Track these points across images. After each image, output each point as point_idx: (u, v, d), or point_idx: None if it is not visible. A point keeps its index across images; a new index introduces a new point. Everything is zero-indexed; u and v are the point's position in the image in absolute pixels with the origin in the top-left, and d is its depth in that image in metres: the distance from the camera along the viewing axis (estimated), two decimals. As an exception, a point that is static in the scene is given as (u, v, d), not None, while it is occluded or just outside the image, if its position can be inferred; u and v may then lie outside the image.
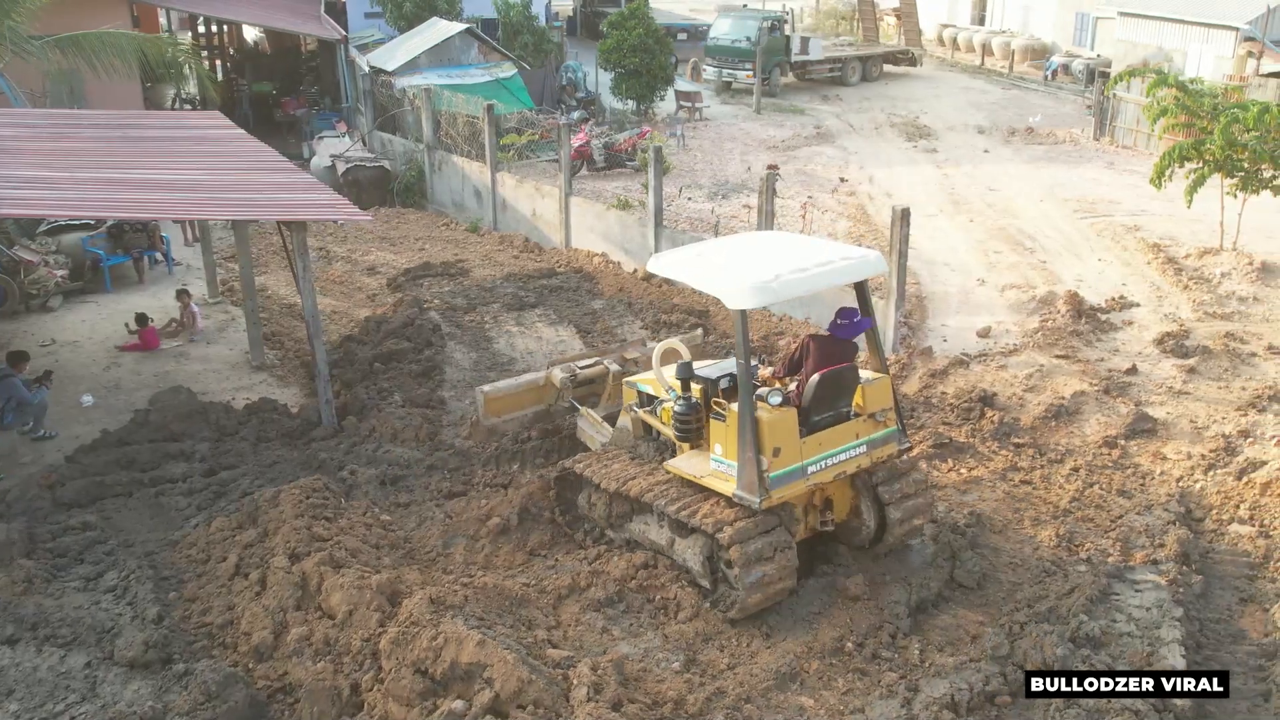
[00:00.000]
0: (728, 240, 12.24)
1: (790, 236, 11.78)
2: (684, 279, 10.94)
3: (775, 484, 9.51)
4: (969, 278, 18.98)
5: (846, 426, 10.04)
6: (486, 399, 12.71)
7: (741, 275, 9.74)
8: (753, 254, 10.49)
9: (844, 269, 10.20)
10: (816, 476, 9.83)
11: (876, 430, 10.22)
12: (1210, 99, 18.75)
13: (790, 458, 9.60)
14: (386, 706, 8.54)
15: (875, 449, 10.22)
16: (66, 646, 9.73)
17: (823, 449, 9.85)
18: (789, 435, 9.57)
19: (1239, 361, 15.38)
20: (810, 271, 9.85)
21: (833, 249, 10.79)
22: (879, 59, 43.34)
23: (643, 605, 10.05)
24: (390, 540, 11.14)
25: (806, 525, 10.42)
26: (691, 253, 10.98)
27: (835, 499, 10.52)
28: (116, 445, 13.62)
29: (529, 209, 23.37)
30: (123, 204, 13.04)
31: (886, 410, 10.27)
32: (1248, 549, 11.44)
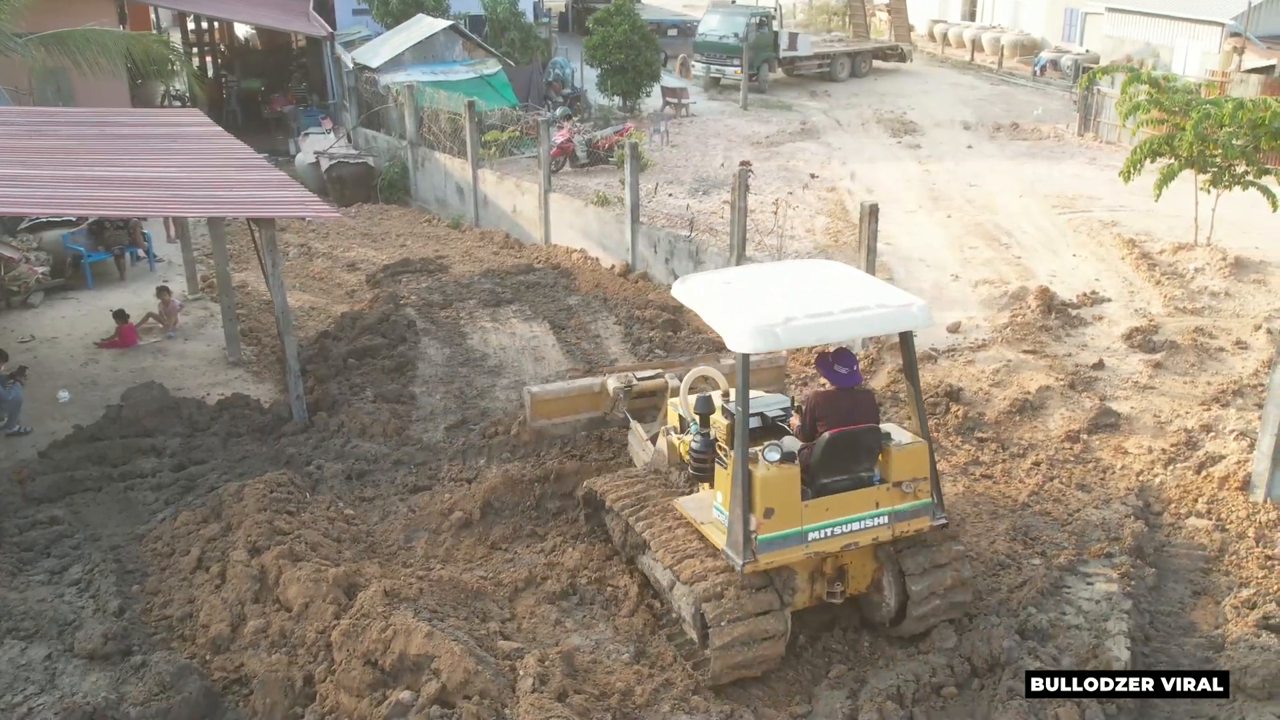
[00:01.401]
0: (765, 269, 11.06)
1: (838, 270, 10.24)
2: (697, 309, 9.61)
3: (764, 547, 8.71)
4: (943, 273, 19.08)
5: (865, 493, 9.06)
6: (534, 400, 12.29)
7: (750, 314, 8.81)
8: (780, 289, 9.46)
9: (875, 319, 9.03)
10: (819, 545, 8.92)
11: (903, 501, 9.13)
12: (1183, 95, 18.83)
13: (786, 521, 8.76)
14: (337, 697, 8.66)
15: (900, 522, 9.15)
16: (28, 639, 9.85)
17: (830, 515, 8.91)
18: (786, 496, 8.74)
19: (1206, 356, 15.48)
20: (834, 318, 8.84)
21: (873, 292, 9.40)
22: (868, 55, 43.44)
23: (595, 596, 10.17)
24: (352, 534, 11.27)
25: (812, 594, 9.48)
26: (719, 280, 10.02)
27: (853, 569, 9.53)
28: (88, 441, 13.73)
29: (509, 205, 23.48)
30: (97, 202, 13.17)
31: (918, 481, 9.18)
32: (1203, 542, 11.55)
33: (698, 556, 9.21)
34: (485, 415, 14.29)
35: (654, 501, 10.16)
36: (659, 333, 16.85)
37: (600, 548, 10.88)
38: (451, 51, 29.85)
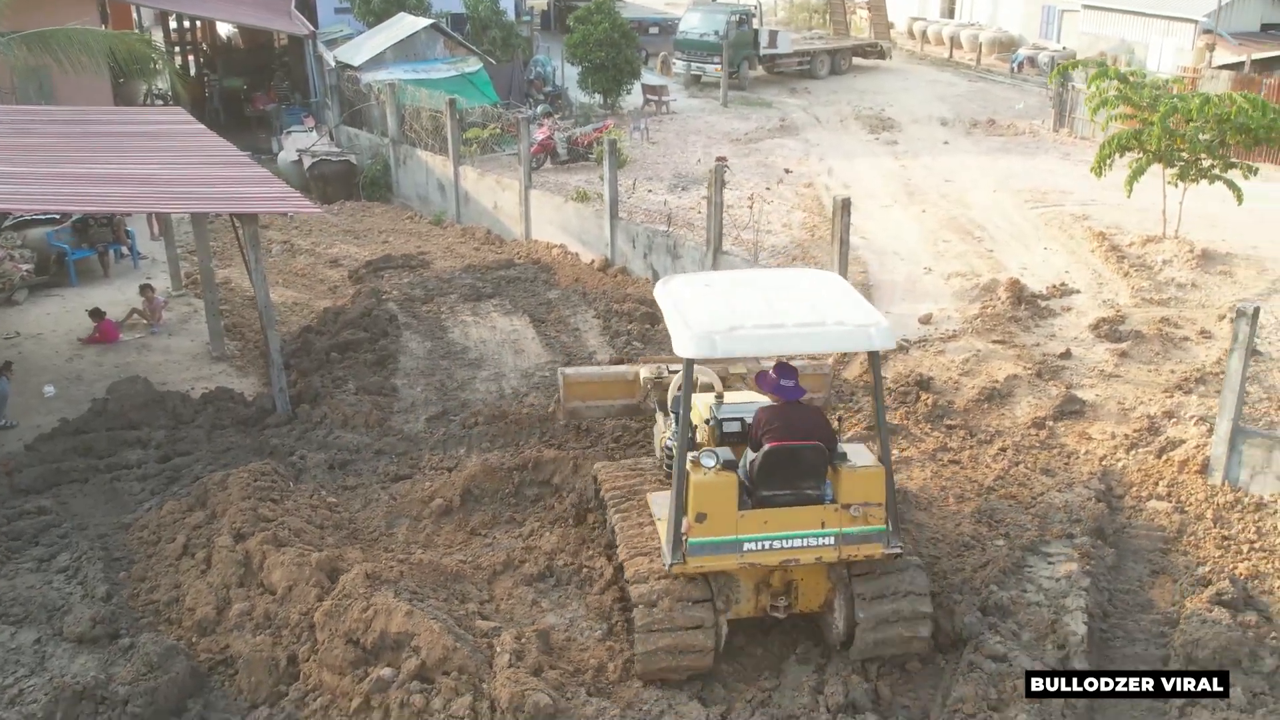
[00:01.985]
0: (756, 275, 10.75)
1: (828, 283, 9.99)
2: (663, 309, 9.55)
3: (695, 551, 8.74)
4: (917, 266, 19.43)
5: (810, 511, 8.92)
6: (566, 382, 12.21)
7: (699, 320, 8.80)
8: (748, 297, 9.34)
9: (828, 336, 8.94)
10: (755, 556, 8.84)
11: (852, 525, 8.92)
12: (1150, 90, 19.21)
13: (720, 528, 8.74)
14: (320, 675, 8.95)
15: (848, 545, 8.94)
16: (18, 624, 10.12)
17: (768, 529, 8.82)
18: (720, 504, 8.72)
19: (1171, 346, 15.86)
20: (783, 331, 8.75)
21: (841, 309, 9.14)
22: (848, 52, 43.82)
23: (570, 578, 10.47)
24: (335, 521, 11.54)
25: (757, 605, 9.37)
26: (700, 282, 9.97)
27: (803, 586, 9.39)
28: (74, 434, 13.96)
29: (490, 202, 23.75)
30: (81, 198, 13.41)
31: (869, 506, 8.94)
32: (1163, 524, 11.91)
33: (650, 555, 9.29)
34: (465, 406, 14.59)
35: (640, 495, 10.20)
36: (637, 325, 17.16)
37: (576, 532, 11.18)
38: (433, 50, 30.09)
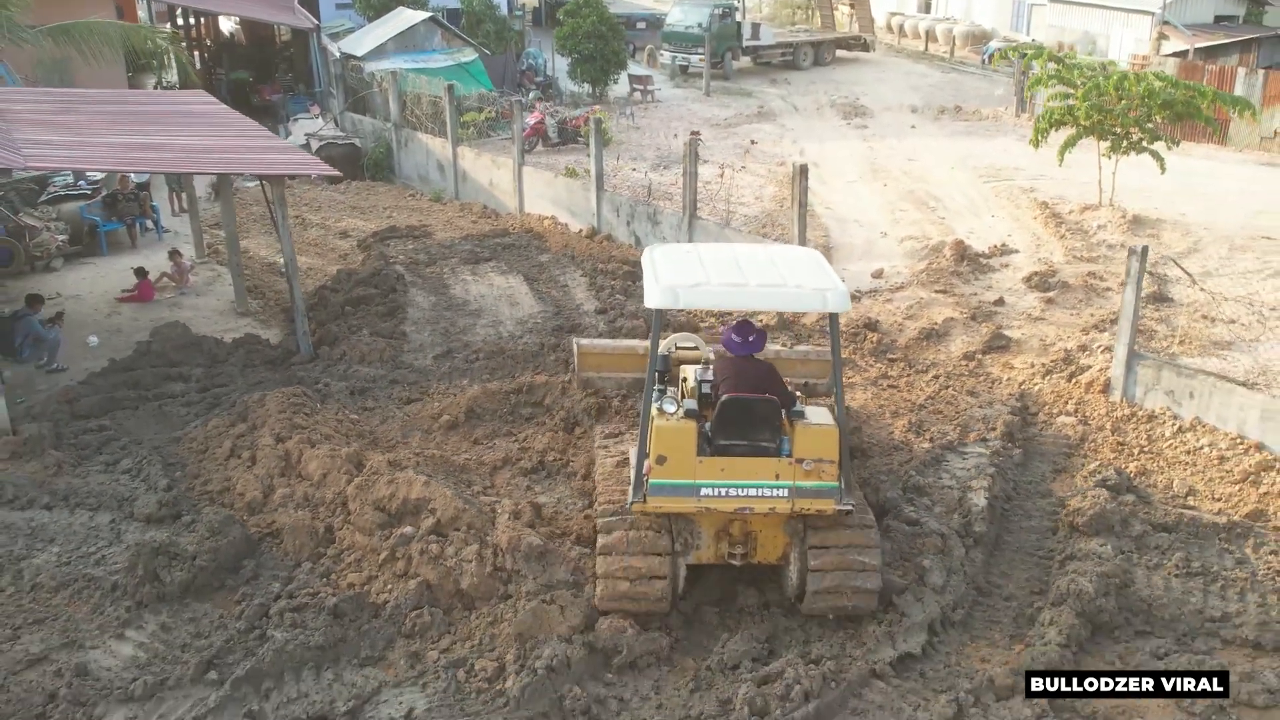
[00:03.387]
0: (743, 248, 11.13)
1: (806, 256, 10.70)
2: (644, 270, 10.13)
3: (655, 492, 9.30)
4: (874, 231, 21.43)
5: (764, 463, 9.33)
6: (580, 351, 12.83)
7: (668, 275, 9.46)
8: (718, 261, 10.03)
9: (785, 296, 9.68)
10: (711, 502, 9.34)
11: (805, 479, 9.31)
12: (1082, 71, 21.20)
13: (679, 472, 9.25)
14: (353, 537, 10.88)
15: (800, 499, 9.36)
16: (94, 510, 12.03)
17: (726, 476, 9.29)
18: (680, 448, 9.23)
19: (1094, 295, 17.84)
20: (744, 289, 9.45)
21: (806, 274, 9.77)
22: (831, 44, 45.87)
23: (559, 470, 12.43)
24: (357, 431, 13.46)
25: (716, 552, 9.84)
26: (683, 249, 10.71)
27: (762, 538, 9.84)
28: (123, 371, 15.81)
29: (486, 179, 25.68)
30: (129, 161, 15.26)
31: (824, 461, 9.31)
32: (1069, 434, 13.89)
33: (619, 492, 10.01)
34: (468, 346, 16.51)
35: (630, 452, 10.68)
36: (620, 282, 19.11)
37: (564, 437, 13.11)
38: (431, 41, 32.04)
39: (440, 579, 10.13)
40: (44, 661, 9.67)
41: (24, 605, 10.46)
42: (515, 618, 9.60)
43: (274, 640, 9.65)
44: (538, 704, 8.99)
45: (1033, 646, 9.60)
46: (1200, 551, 11.23)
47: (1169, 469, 12.98)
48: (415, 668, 9.54)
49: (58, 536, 11.50)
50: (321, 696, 9.21)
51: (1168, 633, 10.01)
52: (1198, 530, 11.57)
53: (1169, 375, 13.97)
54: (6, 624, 10.17)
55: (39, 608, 10.43)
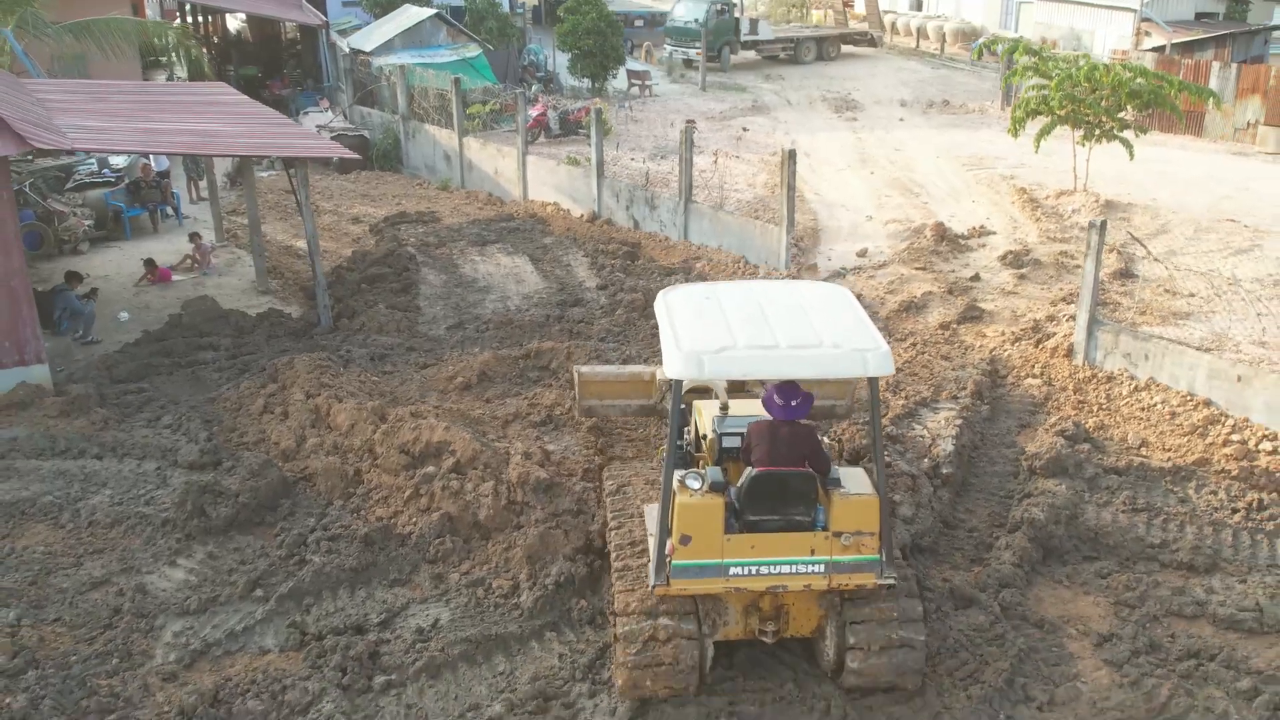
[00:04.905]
0: (760, 287, 10.44)
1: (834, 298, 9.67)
2: (660, 324, 9.29)
3: (679, 574, 8.58)
4: (860, 215, 22.62)
5: (798, 538, 8.64)
6: (581, 380, 12.28)
7: (690, 339, 8.59)
8: (741, 313, 9.07)
9: (821, 360, 8.51)
10: (741, 581, 8.64)
11: (843, 553, 8.64)
12: (1057, 63, 22.38)
13: (706, 551, 8.53)
14: (380, 478, 12.05)
15: (838, 574, 8.68)
16: (140, 459, 13.20)
17: (756, 554, 8.59)
18: (706, 526, 8.51)
19: (1064, 271, 19.02)
20: (777, 352, 8.48)
21: (839, 330, 8.79)
22: (836, 40, 47.10)
23: (566, 422, 13.59)
24: (379, 391, 14.61)
25: (745, 628, 9.16)
26: (700, 294, 9.67)
27: (794, 611, 9.16)
28: (156, 341, 16.96)
29: (492, 168, 26.85)
30: (164, 145, 16.41)
31: (863, 535, 8.63)
32: (1034, 395, 15.06)
33: (638, 570, 9.23)
34: (478, 318, 17.68)
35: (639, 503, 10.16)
36: (619, 261, 20.28)
37: (569, 392, 14.27)
38: (436, 37, 33.22)
39: (460, 511, 11.29)
40: (105, 584, 10.83)
41: (83, 539, 11.63)
42: (525, 542, 10.75)
43: (312, 564, 10.83)
44: (548, 614, 10.18)
45: (989, 566, 10.78)
46: (1147, 491, 12.41)
47: (1124, 423, 14.16)
48: (439, 587, 10.71)
49: (109, 481, 12.67)
50: (356, 611, 10.38)
51: (1111, 557, 11.19)
52: (1146, 474, 12.76)
53: (1126, 339, 15.15)
54: (69, 554, 11.34)
55: (97, 540, 11.60)
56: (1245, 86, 29.53)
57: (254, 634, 10.09)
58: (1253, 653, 9.79)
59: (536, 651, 9.83)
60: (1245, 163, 27.37)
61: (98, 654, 9.82)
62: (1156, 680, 9.34)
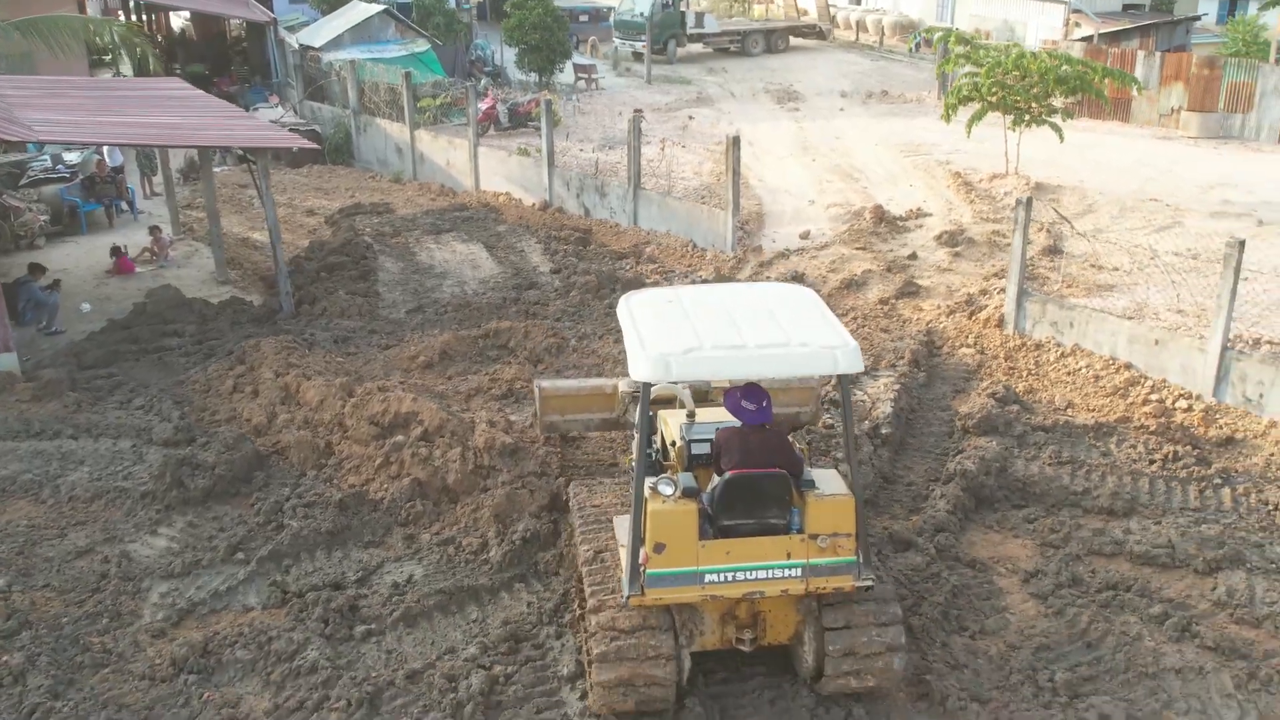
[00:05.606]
0: (724, 290, 10.41)
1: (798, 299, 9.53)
2: (623, 327, 9.15)
3: (654, 583, 8.33)
4: (802, 200, 23.48)
5: (775, 542, 8.46)
6: (543, 395, 11.95)
7: (656, 341, 8.37)
8: (707, 315, 8.89)
9: (791, 358, 8.36)
10: (717, 589, 8.43)
11: (820, 556, 8.46)
12: (988, 51, 23.36)
13: (680, 559, 8.33)
14: (351, 449, 12.65)
15: (815, 577, 8.50)
16: (115, 438, 13.68)
17: (732, 560, 8.39)
18: (680, 533, 8.31)
19: (996, 249, 19.97)
20: (745, 352, 8.29)
21: (807, 330, 8.60)
22: (785, 32, 48.04)
23: (526, 395, 14.25)
24: (344, 370, 15.17)
25: (722, 637, 8.95)
26: (663, 299, 9.47)
27: (771, 618, 8.97)
28: (121, 329, 17.35)
29: (443, 160, 27.38)
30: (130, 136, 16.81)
31: (839, 536, 8.47)
32: (968, 362, 15.96)
33: (611, 581, 8.96)
34: (436, 303, 18.26)
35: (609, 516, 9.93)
36: (571, 247, 20.95)
37: (530, 368, 14.93)
38: (386, 33, 33.63)
39: (429, 477, 11.92)
40: (90, 553, 11.33)
41: (64, 513, 12.11)
42: (493, 502, 11.40)
43: (290, 528, 11.42)
44: (516, 567, 10.85)
45: (925, 514, 11.61)
46: (1071, 446, 13.33)
47: (1052, 387, 15.10)
48: (411, 547, 11.34)
49: (86, 459, 13.14)
50: (334, 570, 10.97)
51: (1038, 504, 12.09)
52: (1071, 431, 13.68)
53: (1053, 309, 16.10)
54: (52, 526, 11.82)
55: (78, 514, 12.09)
56: (1169, 74, 30.81)
57: (237, 593, 10.65)
58: (1165, 584, 10.70)
59: (506, 601, 10.50)
60: (1169, 146, 28.61)
61: (88, 615, 10.33)
62: (1078, 609, 10.22)
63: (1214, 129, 29.43)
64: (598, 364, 15.36)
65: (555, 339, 15.86)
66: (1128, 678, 9.39)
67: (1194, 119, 29.89)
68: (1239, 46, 33.54)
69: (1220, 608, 10.32)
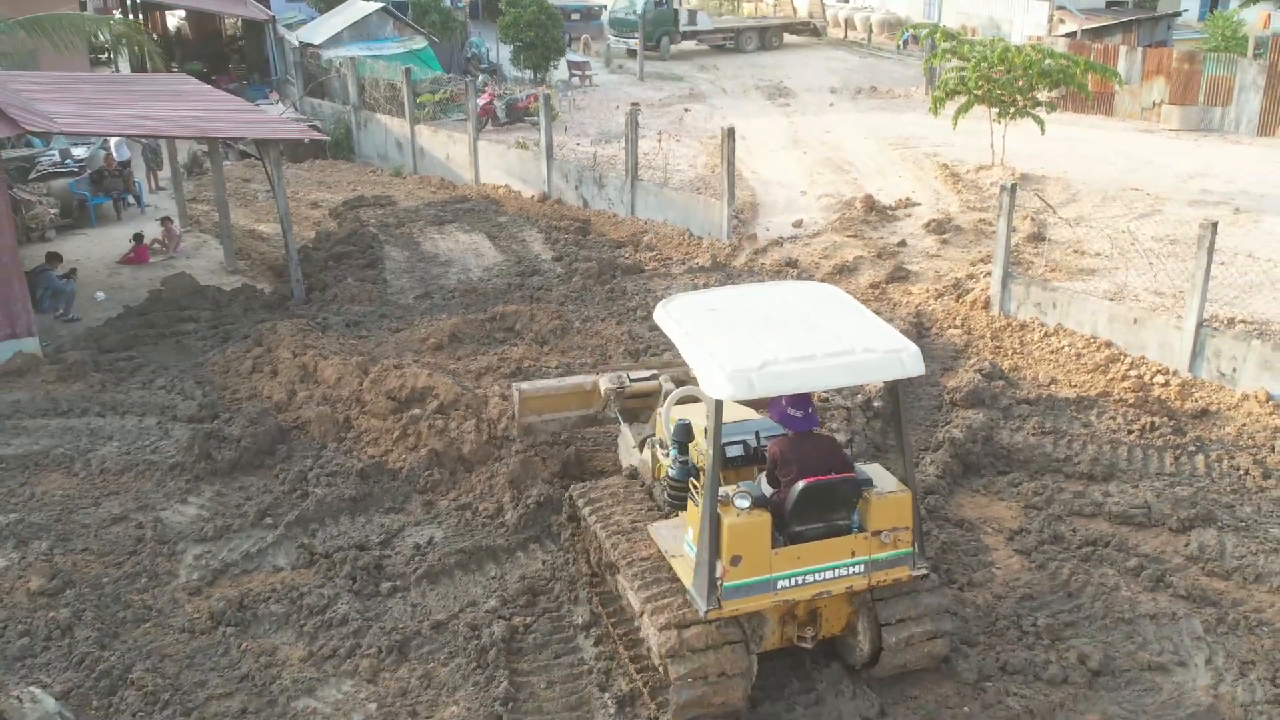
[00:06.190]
0: (753, 291, 10.49)
1: (829, 297, 9.87)
2: (675, 341, 9.17)
3: (730, 595, 8.43)
4: (794, 190, 24.15)
5: (840, 542, 8.70)
6: (522, 397, 12.06)
7: (728, 356, 8.36)
8: (763, 323, 8.98)
9: (860, 365, 8.48)
10: (789, 593, 8.62)
11: (881, 551, 8.78)
12: (973, 46, 24.07)
13: (755, 568, 8.46)
14: (369, 422, 13.27)
15: (877, 571, 8.81)
16: (141, 415, 14.28)
17: (802, 563, 8.60)
18: (755, 544, 8.43)
19: (983, 236, 20.67)
20: (816, 363, 8.33)
21: (865, 334, 8.81)
22: (779, 29, 48.73)
23: (534, 373, 14.88)
24: (358, 351, 15.77)
25: (782, 636, 9.16)
26: (703, 306, 9.56)
27: (826, 613, 9.19)
28: (138, 315, 17.95)
29: (443, 154, 28.00)
30: (147, 128, 17.38)
31: (899, 530, 8.82)
32: (956, 343, 16.64)
33: (667, 591, 8.98)
34: (443, 289, 18.89)
35: (632, 520, 9.93)
36: (572, 236, 21.60)
37: (537, 348, 15.56)
38: (384, 30, 34.26)
39: (445, 447, 12.56)
40: (124, 520, 11.93)
41: (96, 484, 12.71)
42: (508, 469, 12.04)
43: (314, 495, 12.04)
44: (531, 529, 11.49)
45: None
46: (1054, 418, 14.03)
47: (1036, 364, 15.80)
48: (430, 512, 11.98)
49: (114, 435, 13.75)
50: (358, 533, 11.60)
51: (1022, 470, 12.77)
52: (1054, 404, 14.38)
53: (1036, 290, 16.81)
54: (86, 496, 12.42)
55: (110, 485, 12.69)
56: (1150, 69, 31.54)
57: (267, 555, 11.27)
58: (1141, 541, 11.39)
59: (522, 560, 11.14)
60: (1151, 139, 29.34)
61: (126, 575, 10.95)
62: (1059, 563, 10.91)
63: (1194, 122, 30.17)
64: (601, 344, 16.01)
65: (560, 321, 16.51)
66: (1105, 623, 10.08)
67: (1175, 112, 30.62)
68: (1218, 42, 34.26)
69: (1192, 562, 11.01)
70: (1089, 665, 9.47)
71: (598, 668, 9.53)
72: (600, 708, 9.08)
